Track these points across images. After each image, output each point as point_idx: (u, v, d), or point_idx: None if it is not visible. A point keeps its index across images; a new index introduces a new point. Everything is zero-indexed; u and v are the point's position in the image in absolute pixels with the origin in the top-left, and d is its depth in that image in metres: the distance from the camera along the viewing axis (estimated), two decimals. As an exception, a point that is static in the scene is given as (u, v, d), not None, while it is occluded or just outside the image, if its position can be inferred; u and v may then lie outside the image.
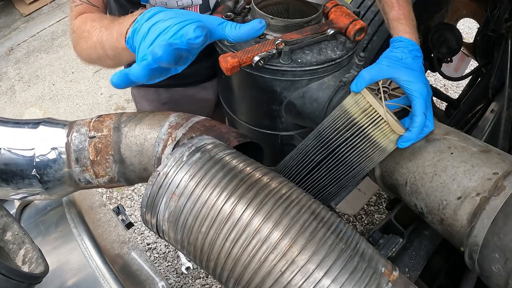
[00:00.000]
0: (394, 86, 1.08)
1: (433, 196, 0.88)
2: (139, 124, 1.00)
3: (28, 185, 0.93)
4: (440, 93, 2.37)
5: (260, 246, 0.67)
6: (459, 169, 0.84)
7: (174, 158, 0.78)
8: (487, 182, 0.80)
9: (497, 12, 1.84)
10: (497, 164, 0.82)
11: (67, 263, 1.00)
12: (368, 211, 2.69)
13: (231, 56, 1.16)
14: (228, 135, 0.98)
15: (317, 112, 1.26)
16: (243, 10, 1.37)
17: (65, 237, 1.06)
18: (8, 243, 0.90)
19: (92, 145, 0.96)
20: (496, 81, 1.79)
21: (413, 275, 1.09)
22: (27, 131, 0.94)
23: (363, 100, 0.91)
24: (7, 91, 3.85)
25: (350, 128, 0.92)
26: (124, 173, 1.00)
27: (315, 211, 0.73)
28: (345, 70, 1.29)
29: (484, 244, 0.76)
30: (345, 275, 0.66)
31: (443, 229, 0.88)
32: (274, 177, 0.78)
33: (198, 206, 0.72)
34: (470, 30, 4.03)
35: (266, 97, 1.33)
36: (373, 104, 0.89)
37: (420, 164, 0.92)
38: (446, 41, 2.07)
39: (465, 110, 2.04)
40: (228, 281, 0.72)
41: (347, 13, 1.26)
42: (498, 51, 1.81)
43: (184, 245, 0.76)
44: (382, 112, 0.88)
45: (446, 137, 0.94)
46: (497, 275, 0.74)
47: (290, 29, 1.25)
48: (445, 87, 3.59)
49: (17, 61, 4.22)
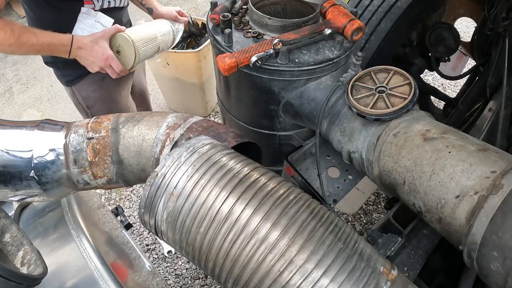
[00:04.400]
0: (392, 86, 1.08)
1: (431, 195, 0.88)
2: (137, 125, 1.00)
3: (27, 187, 0.93)
4: (438, 92, 2.37)
5: (259, 246, 0.67)
6: (457, 168, 0.84)
7: (172, 158, 0.78)
8: (485, 181, 0.80)
9: (494, 11, 1.84)
10: (495, 162, 0.82)
11: (66, 264, 1.00)
12: (366, 210, 2.69)
13: (228, 57, 1.16)
14: (226, 136, 0.98)
15: (315, 112, 1.26)
16: (241, 10, 1.37)
17: (64, 239, 1.06)
18: (7, 244, 0.89)
19: (90, 146, 0.96)
20: (493, 80, 1.79)
21: (412, 274, 1.09)
22: (25, 133, 0.94)
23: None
24: (5, 93, 3.85)
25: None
26: (123, 174, 1.00)
27: (314, 211, 0.73)
28: (343, 69, 1.29)
29: (482, 242, 0.76)
30: (343, 274, 0.66)
31: (441, 228, 0.88)
32: (272, 177, 0.78)
33: (196, 207, 0.72)
34: (467, 29, 4.04)
35: (264, 97, 1.33)
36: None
37: (418, 163, 0.92)
38: (444, 40, 2.08)
39: (463, 109, 2.04)
40: (226, 281, 0.72)
41: (344, 13, 1.26)
42: (496, 50, 1.81)
43: (182, 245, 0.76)
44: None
45: (444, 136, 0.94)
46: (496, 274, 0.74)
47: (287, 29, 1.25)
48: (443, 86, 3.59)
49: (15, 62, 4.22)
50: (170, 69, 2.91)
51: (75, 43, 1.51)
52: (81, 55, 1.55)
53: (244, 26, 1.32)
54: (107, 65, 1.58)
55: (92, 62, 1.57)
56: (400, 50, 2.12)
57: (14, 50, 1.44)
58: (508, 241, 0.72)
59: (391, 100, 1.06)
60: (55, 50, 1.50)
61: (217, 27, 1.33)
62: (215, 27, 1.33)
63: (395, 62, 2.08)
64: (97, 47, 1.54)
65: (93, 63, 1.57)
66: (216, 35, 1.31)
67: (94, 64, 1.58)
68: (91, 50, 1.54)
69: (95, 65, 1.58)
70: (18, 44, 1.42)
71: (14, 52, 1.46)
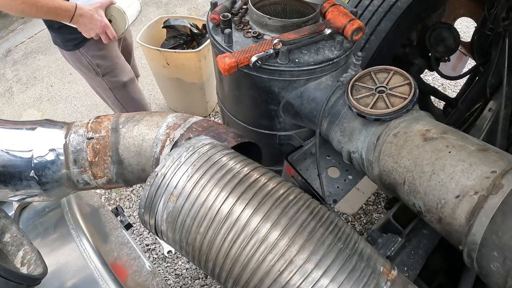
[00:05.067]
0: (392, 86, 1.08)
1: (431, 195, 0.88)
2: (137, 125, 1.00)
3: (27, 187, 0.93)
4: (438, 92, 2.37)
5: (259, 246, 0.67)
6: (457, 168, 0.84)
7: (172, 158, 0.78)
8: (485, 181, 0.80)
9: (494, 11, 1.84)
10: (495, 162, 0.82)
11: (66, 264, 1.00)
12: (366, 210, 2.69)
13: (228, 57, 1.16)
14: (226, 136, 0.98)
15: (315, 112, 1.26)
16: (241, 10, 1.37)
17: (64, 239, 1.06)
18: (7, 244, 0.89)
19: (90, 146, 0.95)
20: (493, 80, 1.79)
21: (412, 274, 1.09)
22: (25, 133, 0.94)
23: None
24: (5, 93, 3.85)
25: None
26: (123, 174, 1.00)
27: (314, 211, 0.73)
28: (343, 69, 1.29)
29: (482, 242, 0.76)
30: (343, 274, 0.66)
31: (441, 228, 0.88)
32: (272, 177, 0.78)
33: (196, 207, 0.72)
34: (467, 29, 4.04)
35: (264, 97, 1.33)
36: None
37: (418, 163, 0.92)
38: (444, 40, 2.08)
39: (463, 109, 2.04)
40: (226, 281, 0.72)
41: (344, 13, 1.26)
42: (496, 50, 1.81)
43: (182, 245, 0.76)
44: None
45: (444, 136, 0.94)
46: (496, 274, 0.74)
47: (287, 29, 1.25)
48: (443, 86, 3.59)
49: (14, 62, 4.22)
50: (170, 69, 2.91)
51: (77, 11, 1.76)
52: (81, 22, 1.79)
53: (244, 26, 1.32)
54: (103, 32, 1.86)
55: (90, 29, 1.82)
56: (400, 50, 2.12)
57: (25, 8, 1.63)
58: (508, 241, 0.72)
59: (391, 100, 1.06)
60: (60, 15, 1.73)
61: (217, 27, 1.33)
62: (215, 27, 1.33)
63: (395, 62, 2.08)
64: (96, 15, 1.81)
65: (91, 29, 1.82)
66: (216, 35, 1.31)
67: (92, 31, 1.83)
68: (91, 18, 1.79)
69: (92, 32, 1.83)
70: (30, 2, 1.61)
71: (24, 11, 1.64)
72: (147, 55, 2.95)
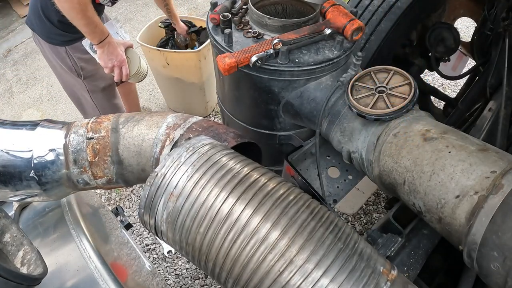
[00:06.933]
0: (392, 86, 1.08)
1: (431, 195, 0.88)
2: (137, 125, 1.00)
3: (27, 187, 0.93)
4: (438, 92, 2.37)
5: (259, 246, 0.67)
6: (457, 168, 0.84)
7: (172, 159, 0.78)
8: (485, 181, 0.80)
9: (494, 11, 1.84)
10: (495, 162, 0.82)
11: (66, 264, 1.00)
12: (366, 210, 2.69)
13: (228, 57, 1.16)
14: (226, 136, 0.98)
15: (315, 112, 1.26)
16: (241, 10, 1.37)
17: (64, 239, 1.06)
18: (7, 244, 0.89)
19: (90, 146, 0.95)
20: (493, 80, 1.79)
21: (412, 274, 1.09)
22: (25, 133, 0.94)
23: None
24: (5, 93, 3.84)
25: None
26: (122, 174, 1.00)
27: (314, 211, 0.73)
28: (343, 69, 1.29)
29: (482, 242, 0.76)
30: (343, 274, 0.66)
31: (441, 228, 0.88)
32: (272, 177, 0.78)
33: (196, 207, 0.72)
34: (467, 29, 4.04)
35: (264, 97, 1.33)
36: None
37: (418, 163, 0.92)
38: (444, 40, 2.08)
39: (463, 109, 2.04)
40: (226, 281, 0.72)
41: (344, 13, 1.26)
42: (496, 50, 1.81)
43: (182, 245, 0.76)
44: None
45: (444, 136, 0.94)
46: (496, 273, 0.74)
47: (287, 29, 1.25)
48: (443, 86, 3.59)
49: (14, 62, 4.22)
50: (170, 69, 2.90)
51: (109, 38, 1.85)
52: (106, 49, 1.86)
53: (244, 26, 1.32)
54: (119, 66, 1.93)
55: (110, 59, 1.89)
56: (400, 50, 2.12)
57: (76, 8, 1.65)
58: (508, 241, 0.72)
59: (391, 100, 1.06)
60: (95, 33, 1.79)
61: (217, 27, 1.33)
62: (215, 27, 1.33)
63: (395, 62, 2.08)
64: (118, 49, 1.92)
65: (111, 60, 1.90)
66: (216, 35, 1.31)
67: (111, 62, 1.90)
68: (115, 49, 1.90)
69: (111, 62, 1.90)
70: (80, 8, 1.65)
71: (73, 11, 1.66)
72: (147, 55, 2.95)
